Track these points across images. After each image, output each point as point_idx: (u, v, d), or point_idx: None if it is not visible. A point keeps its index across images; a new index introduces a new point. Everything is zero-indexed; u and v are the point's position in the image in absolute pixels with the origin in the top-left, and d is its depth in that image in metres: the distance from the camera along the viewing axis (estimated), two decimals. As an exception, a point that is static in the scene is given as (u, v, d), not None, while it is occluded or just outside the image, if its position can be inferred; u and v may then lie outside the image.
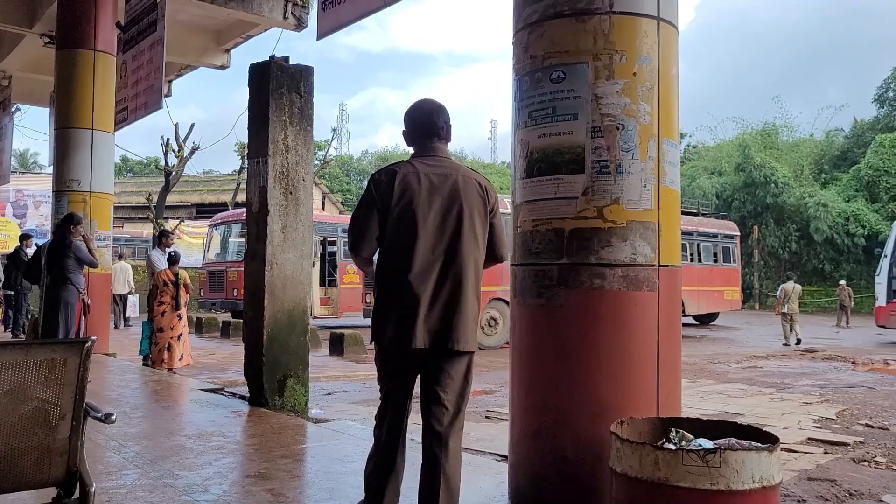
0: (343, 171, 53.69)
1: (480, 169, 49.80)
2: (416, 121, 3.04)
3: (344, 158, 56.29)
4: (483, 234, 2.91)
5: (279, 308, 5.83)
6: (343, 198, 46.54)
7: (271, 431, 4.96)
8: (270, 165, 5.82)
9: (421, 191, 2.82)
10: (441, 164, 2.95)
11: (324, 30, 5.52)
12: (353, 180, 54.90)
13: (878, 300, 17.22)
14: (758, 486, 2.46)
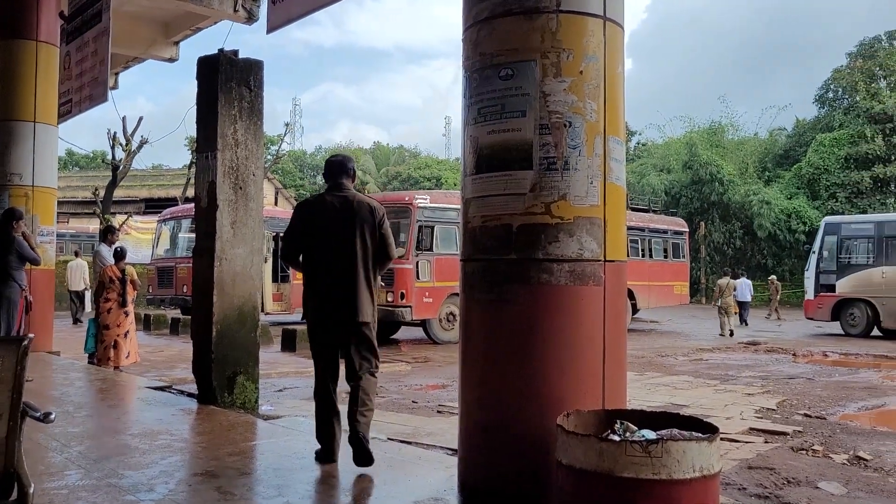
0: (296, 167, 53.15)
1: (435, 165, 49.83)
2: (331, 166, 4.26)
3: (297, 153, 55.73)
4: (373, 241, 4.05)
5: (229, 304, 5.76)
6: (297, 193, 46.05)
7: (220, 429, 4.90)
8: (220, 160, 5.74)
9: (329, 213, 4.05)
10: (344, 195, 4.14)
11: (274, 23, 5.46)
12: (307, 175, 54.37)
13: (807, 294, 18.10)
14: (698, 475, 2.53)
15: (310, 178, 54.13)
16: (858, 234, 17.11)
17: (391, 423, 6.07)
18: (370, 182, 47.01)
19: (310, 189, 51.13)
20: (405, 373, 9.88)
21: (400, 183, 46.06)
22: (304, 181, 52.09)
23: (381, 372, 8.96)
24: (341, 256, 3.98)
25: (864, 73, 36.13)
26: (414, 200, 13.68)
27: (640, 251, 18.71)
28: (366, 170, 49.26)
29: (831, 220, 18.55)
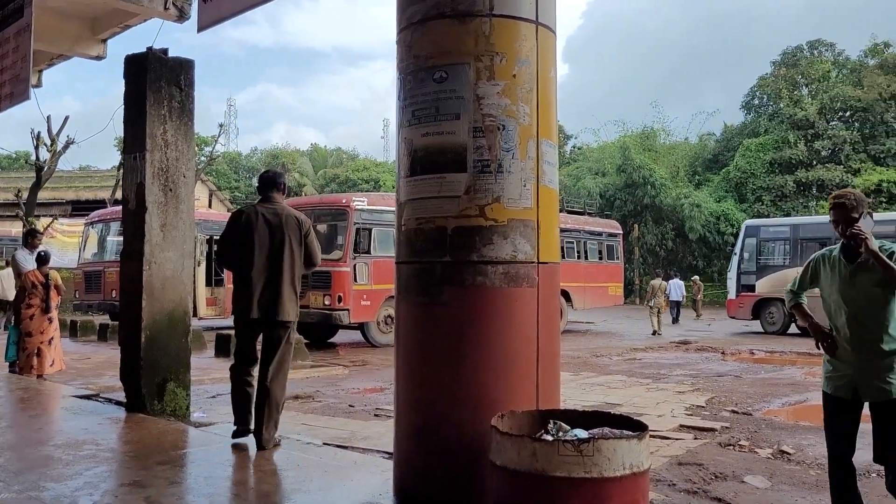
0: (231, 168, 52.15)
1: (373, 167, 49.61)
2: (263, 180, 4.80)
3: (232, 155, 54.65)
4: (299, 249, 4.59)
5: (158, 309, 5.61)
6: (231, 195, 45.22)
7: (149, 437, 4.77)
8: (148, 161, 5.59)
9: (258, 223, 4.53)
10: (274, 207, 4.64)
11: (205, 22, 5.33)
12: (242, 177, 53.40)
13: (730, 294, 19.01)
14: (628, 473, 2.58)
15: (245, 180, 53.15)
16: (776, 237, 18.03)
17: (327, 428, 6.01)
18: (307, 184, 46.51)
19: (245, 191, 50.22)
20: (342, 376, 9.80)
21: (338, 185, 45.71)
22: (239, 183, 51.15)
23: (317, 376, 8.84)
24: (270, 263, 4.49)
25: (788, 81, 37.62)
26: (351, 203, 13.59)
27: (575, 253, 19.01)
28: (303, 172, 48.72)
29: (751, 224, 19.49)
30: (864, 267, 3.38)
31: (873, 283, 3.33)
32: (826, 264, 3.60)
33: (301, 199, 19.04)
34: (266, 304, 4.46)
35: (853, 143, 33.90)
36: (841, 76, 37.90)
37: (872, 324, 3.36)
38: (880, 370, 3.32)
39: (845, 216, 3.39)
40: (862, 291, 3.39)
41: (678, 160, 39.03)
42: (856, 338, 3.39)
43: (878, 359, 3.33)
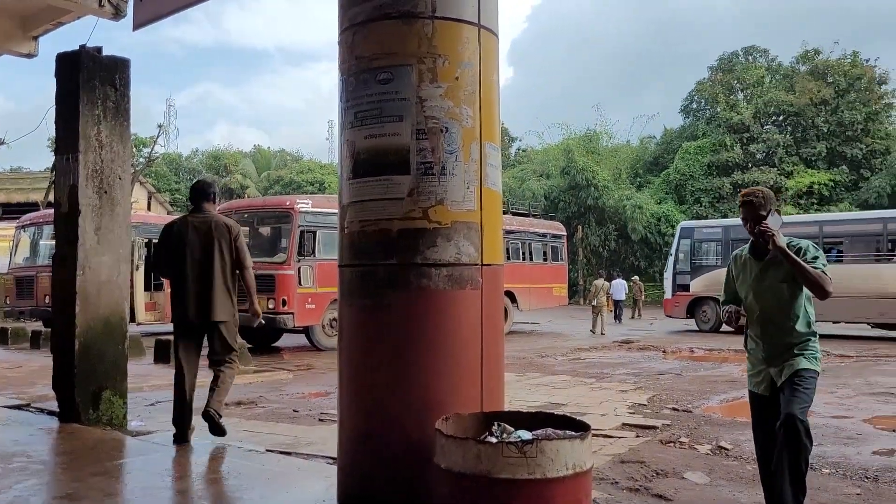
0: (171, 170, 50.98)
1: (318, 169, 49.12)
2: (194, 191, 5.15)
3: (172, 156, 53.40)
4: (229, 254, 4.93)
5: (93, 315, 5.43)
6: (172, 197, 44.25)
7: (84, 448, 4.61)
8: (82, 163, 5.42)
9: (189, 232, 4.91)
10: (204, 216, 4.99)
11: (140, 20, 5.21)
12: (183, 179, 52.25)
13: (666, 293, 19.88)
14: (571, 473, 2.61)
15: (185, 182, 52.04)
16: (709, 238, 18.82)
17: (271, 434, 5.91)
18: (251, 186, 45.80)
19: (185, 193, 49.18)
20: (287, 381, 9.66)
21: (282, 187, 45.12)
22: (179, 185, 50.03)
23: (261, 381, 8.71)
24: (202, 268, 4.86)
25: (724, 86, 38.67)
26: (295, 205, 13.43)
27: (520, 254, 19.17)
28: (246, 174, 47.95)
29: (686, 225, 20.36)
30: (772, 264, 3.45)
31: (781, 279, 3.40)
32: (737, 264, 3.70)
33: (244, 202, 18.75)
34: (200, 307, 4.84)
35: (786, 146, 35.06)
36: (774, 81, 39.14)
37: (782, 320, 3.43)
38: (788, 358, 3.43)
39: (753, 214, 3.46)
40: (771, 288, 3.46)
41: (620, 162, 39.77)
42: (768, 335, 3.48)
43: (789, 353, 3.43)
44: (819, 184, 33.48)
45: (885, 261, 16.49)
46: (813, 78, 36.25)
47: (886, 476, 4.76)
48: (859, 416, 6.91)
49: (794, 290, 3.43)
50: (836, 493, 4.40)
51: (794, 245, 3.40)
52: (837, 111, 34.93)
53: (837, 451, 5.46)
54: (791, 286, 3.42)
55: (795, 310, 3.43)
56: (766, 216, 3.44)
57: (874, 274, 16.11)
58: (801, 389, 3.36)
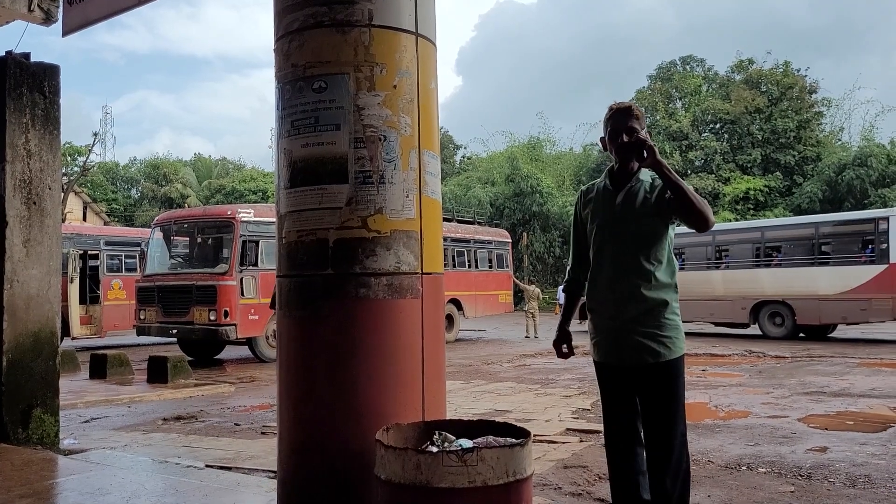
0: (108, 179, 49.64)
1: (261, 178, 48.37)
2: None
3: (109, 165, 52.02)
4: None
5: (22, 330, 5.24)
6: (109, 207, 43.11)
7: (11, 468, 4.43)
8: (9, 173, 5.23)
9: None
10: None
11: (70, 26, 5.06)
12: (120, 189, 50.95)
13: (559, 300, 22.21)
14: (512, 480, 2.60)
15: (123, 191, 50.77)
16: None
17: (210, 449, 5.79)
18: (191, 196, 44.91)
19: (123, 203, 48.03)
20: (228, 394, 9.48)
21: (224, 196, 44.40)
22: (116, 194, 48.78)
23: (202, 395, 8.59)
24: None
25: (663, 95, 39.63)
26: (237, 215, 13.22)
27: (466, 262, 19.25)
28: (186, 183, 47.00)
29: None
30: (633, 193, 2.90)
31: (644, 213, 2.84)
32: (585, 200, 3.10)
33: (184, 212, 18.37)
34: None
35: (723, 153, 36.09)
36: (711, 90, 40.29)
37: (635, 265, 2.86)
38: (642, 325, 2.86)
39: (626, 124, 2.92)
40: (631, 224, 2.88)
41: (564, 169, 40.35)
42: (616, 286, 2.90)
43: (640, 311, 2.85)
44: (755, 190, 34.54)
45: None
46: (748, 87, 37.44)
47: (819, 473, 4.91)
48: (794, 416, 7.12)
49: (660, 227, 2.86)
50: (771, 492, 4.52)
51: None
52: (771, 119, 36.14)
53: (773, 451, 5.60)
54: (656, 221, 2.85)
55: (657, 252, 2.85)
56: (640, 131, 2.93)
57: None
58: (666, 403, 2.87)
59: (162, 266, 14.21)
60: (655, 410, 2.90)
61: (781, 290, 16.94)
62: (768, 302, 17.19)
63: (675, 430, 2.88)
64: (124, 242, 18.75)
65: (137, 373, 10.89)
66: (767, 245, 17.97)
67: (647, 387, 2.90)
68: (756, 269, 17.82)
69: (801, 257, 17.34)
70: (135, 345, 16.90)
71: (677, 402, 2.90)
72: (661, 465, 2.90)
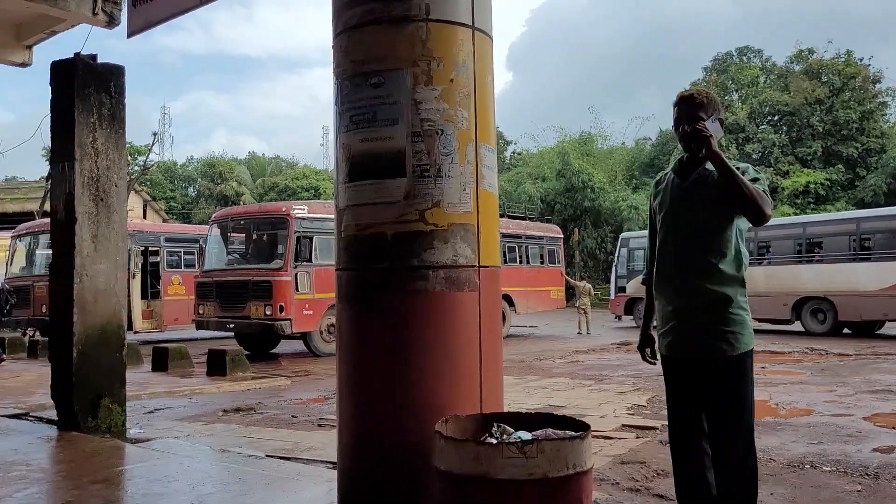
0: (166, 178, 50.93)
1: (313, 175, 49.01)
2: None
3: (167, 164, 53.37)
4: None
5: (91, 323, 5.43)
6: (167, 205, 44.19)
7: (83, 456, 4.60)
8: (77, 170, 5.42)
9: None
10: None
11: (134, 27, 5.21)
12: (178, 187, 52.22)
13: (611, 295, 23.05)
14: (572, 472, 2.60)
15: (181, 190, 52.02)
16: (639, 246, 20.98)
17: (270, 440, 5.91)
18: (246, 193, 45.76)
19: (181, 201, 49.17)
20: (285, 387, 9.66)
21: (277, 194, 45.10)
22: (174, 193, 50.00)
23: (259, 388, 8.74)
24: None
25: (719, 87, 38.76)
26: (291, 211, 13.42)
27: (517, 258, 19.18)
28: (241, 181, 47.90)
29: (625, 236, 23.39)
30: (699, 182, 2.81)
31: (708, 203, 2.74)
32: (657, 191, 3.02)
33: (241, 209, 18.75)
34: None
35: (781, 146, 35.15)
36: (769, 81, 39.29)
37: (701, 257, 2.75)
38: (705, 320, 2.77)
39: (691, 112, 2.82)
40: (695, 214, 2.79)
41: (616, 164, 39.84)
42: (679, 278, 2.81)
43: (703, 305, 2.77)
44: (815, 183, 33.56)
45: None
46: (807, 77, 36.37)
47: (887, 473, 4.76)
48: (859, 414, 6.92)
49: (722, 220, 2.75)
50: (837, 491, 4.40)
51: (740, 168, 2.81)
52: (832, 110, 35.04)
53: (838, 449, 5.46)
54: (719, 213, 2.74)
55: (721, 244, 2.73)
56: (706, 120, 2.82)
57: None
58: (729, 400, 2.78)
59: (219, 262, 14.53)
60: (718, 407, 2.83)
61: (823, 287, 16.77)
62: (810, 298, 17.04)
63: (739, 428, 2.80)
64: (183, 239, 19.22)
65: (197, 366, 11.18)
66: (809, 241, 17.89)
67: (711, 383, 2.82)
68: (797, 265, 17.74)
69: (843, 253, 17.13)
70: (194, 339, 17.33)
71: (742, 400, 2.81)
72: (723, 463, 2.84)
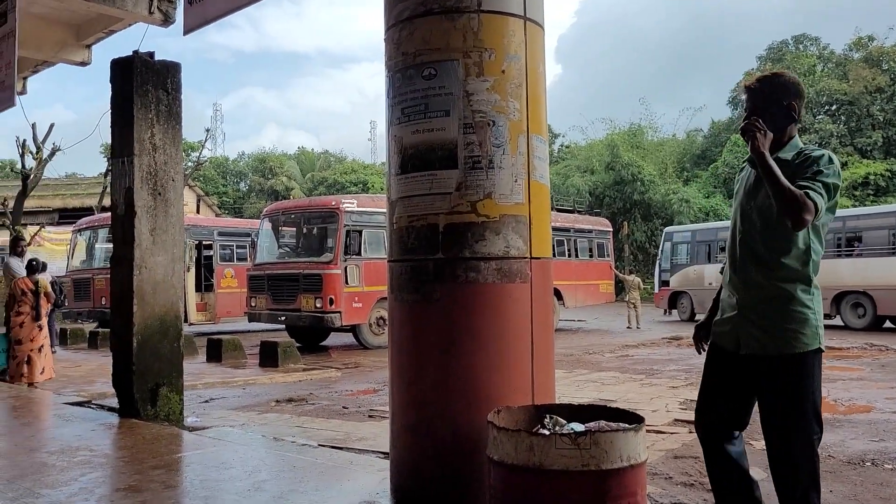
0: (218, 173, 51.94)
1: (361, 169, 49.43)
2: None
3: (219, 160, 54.41)
4: None
5: (150, 314, 5.58)
6: (220, 200, 45.07)
7: (143, 442, 4.74)
8: (137, 165, 5.56)
9: None
10: None
11: (190, 25, 5.31)
12: (230, 182, 53.21)
13: (655, 288, 23.79)
14: (626, 465, 2.58)
15: (233, 185, 52.97)
16: (682, 241, 22.10)
17: (322, 430, 5.99)
18: (295, 188, 46.39)
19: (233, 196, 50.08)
20: (335, 379, 9.78)
21: (326, 188, 45.61)
22: (227, 188, 50.95)
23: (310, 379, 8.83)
24: None
25: (773, 76, 37.73)
26: (341, 205, 13.55)
27: (566, 251, 19.04)
28: (291, 176, 48.57)
29: (668, 230, 23.72)
30: None
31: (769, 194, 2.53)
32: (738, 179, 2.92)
33: (291, 203, 19.01)
34: None
35: (840, 136, 34.14)
36: (826, 70, 38.16)
37: (759, 250, 2.64)
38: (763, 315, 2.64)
39: (752, 104, 2.68)
40: (759, 206, 2.65)
41: (666, 157, 39.19)
42: (741, 270, 2.71)
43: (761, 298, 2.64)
44: (875, 174, 32.50)
45: None
46: (867, 65, 35.24)
47: (952, 472, 4.60)
48: (922, 411, 6.69)
49: None
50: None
51: (805, 152, 2.60)
52: (894, 99, 33.87)
53: (899, 447, 5.30)
54: None
55: (784, 238, 2.57)
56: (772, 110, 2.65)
57: None
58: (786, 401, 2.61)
59: (271, 255, 14.76)
60: (768, 407, 2.67)
61: (862, 281, 16.76)
62: (849, 292, 17.01)
63: (792, 432, 2.63)
64: (235, 233, 19.58)
65: (250, 357, 11.39)
66: (849, 235, 17.86)
67: (766, 382, 2.66)
68: (837, 259, 17.68)
69: (882, 247, 17.09)
70: (246, 331, 17.66)
71: (796, 401, 2.62)
72: (775, 467, 2.72)
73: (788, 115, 2.68)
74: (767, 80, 2.72)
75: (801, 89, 2.73)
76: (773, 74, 2.76)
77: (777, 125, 2.63)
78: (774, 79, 2.72)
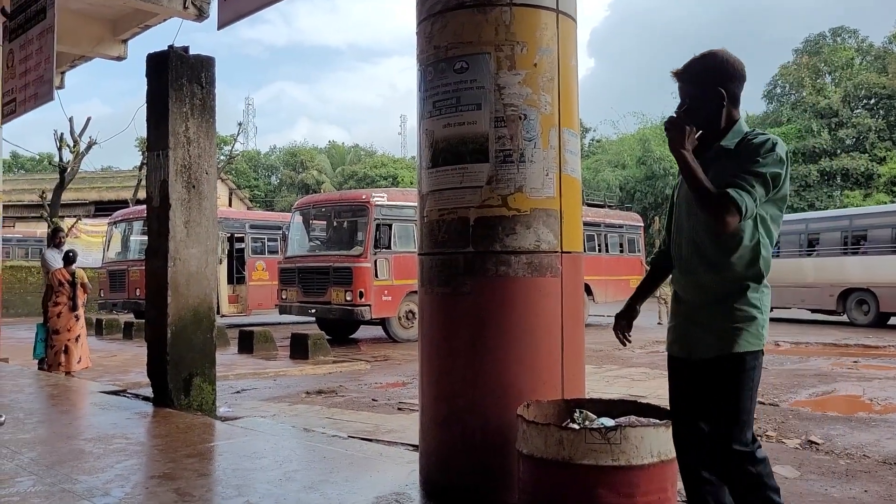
0: (250, 167, 52.47)
1: (391, 164, 49.55)
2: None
3: (251, 153, 54.97)
4: None
5: (183, 305, 5.66)
6: (251, 193, 45.53)
7: (177, 431, 4.82)
8: (171, 158, 5.64)
9: None
10: None
11: (224, 19, 5.38)
12: (261, 176, 53.73)
13: None
14: (656, 461, 2.57)
15: (264, 178, 53.47)
16: None
17: (351, 422, 6.04)
18: (326, 182, 46.69)
19: (264, 189, 50.54)
20: (365, 371, 9.84)
21: (356, 182, 45.85)
22: (258, 181, 51.44)
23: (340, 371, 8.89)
24: None
25: (810, 70, 37.15)
26: (371, 199, 13.61)
27: (596, 246, 18.92)
28: (321, 169, 48.90)
29: None
30: (713, 163, 2.39)
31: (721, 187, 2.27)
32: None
33: (321, 196, 19.12)
34: None
35: (878, 130, 33.45)
36: (865, 63, 37.38)
37: (711, 247, 2.42)
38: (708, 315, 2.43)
39: (683, 91, 2.48)
40: None
41: (699, 151, 38.71)
42: (687, 269, 2.52)
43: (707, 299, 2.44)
44: (914, 169, 31.82)
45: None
46: (907, 58, 34.43)
47: None
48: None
49: None
50: (937, 491, 4.19)
51: (748, 139, 2.39)
52: (934, 93, 33.10)
53: (937, 448, 5.19)
54: None
55: (733, 235, 2.35)
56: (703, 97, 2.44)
57: None
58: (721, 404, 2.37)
59: (301, 248, 14.89)
60: (711, 412, 2.42)
61: (866, 278, 17.11)
62: (854, 289, 17.37)
63: (730, 437, 2.36)
64: (267, 226, 19.77)
65: (280, 349, 11.51)
66: (855, 233, 18.17)
67: (706, 384, 2.43)
68: (843, 256, 18.12)
69: (885, 245, 17.28)
70: (277, 323, 17.83)
71: (735, 405, 2.37)
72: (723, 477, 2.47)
73: (724, 99, 2.43)
74: (697, 62, 2.47)
75: (736, 67, 2.46)
76: (703, 55, 2.49)
77: (712, 112, 2.43)
78: (704, 60, 2.47)
